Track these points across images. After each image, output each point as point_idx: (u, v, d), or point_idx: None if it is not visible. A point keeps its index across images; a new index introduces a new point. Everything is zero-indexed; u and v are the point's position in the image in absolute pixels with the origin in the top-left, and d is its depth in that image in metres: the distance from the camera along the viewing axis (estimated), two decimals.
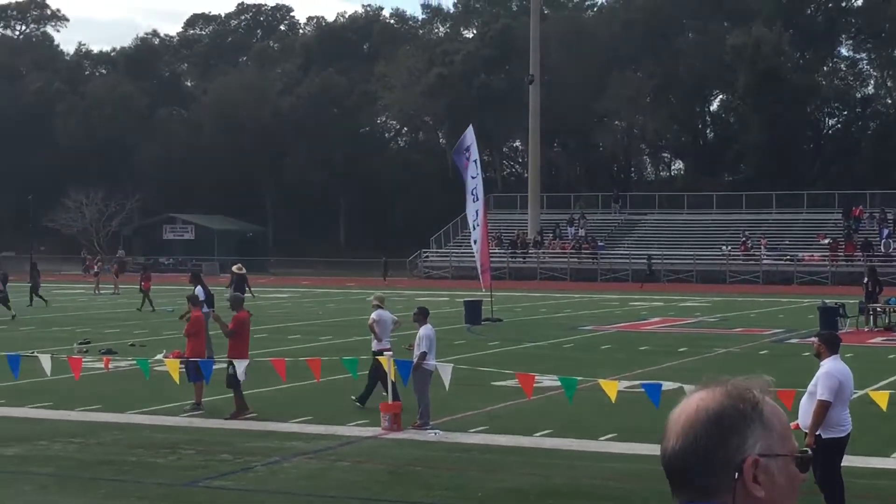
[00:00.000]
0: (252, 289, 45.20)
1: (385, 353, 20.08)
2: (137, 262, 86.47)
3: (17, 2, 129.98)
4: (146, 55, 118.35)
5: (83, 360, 22.05)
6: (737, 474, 2.36)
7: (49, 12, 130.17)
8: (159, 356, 24.80)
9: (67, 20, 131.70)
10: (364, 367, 20.35)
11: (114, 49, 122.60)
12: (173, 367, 19.60)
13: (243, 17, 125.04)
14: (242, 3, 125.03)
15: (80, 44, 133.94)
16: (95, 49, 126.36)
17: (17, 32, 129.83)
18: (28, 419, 19.71)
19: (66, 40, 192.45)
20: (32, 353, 23.56)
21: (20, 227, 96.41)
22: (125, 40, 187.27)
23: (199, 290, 27.42)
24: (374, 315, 21.33)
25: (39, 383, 22.50)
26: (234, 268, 43.05)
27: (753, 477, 2.36)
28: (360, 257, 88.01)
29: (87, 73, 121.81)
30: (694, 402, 2.43)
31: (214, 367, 20.36)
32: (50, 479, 15.09)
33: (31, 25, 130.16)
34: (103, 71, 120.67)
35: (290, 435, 18.15)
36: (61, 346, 29.04)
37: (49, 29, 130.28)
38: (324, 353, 25.67)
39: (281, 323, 40.16)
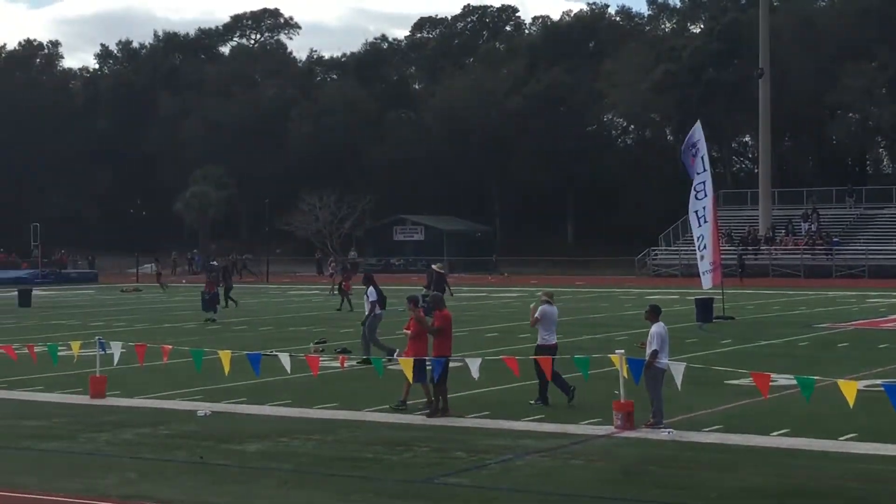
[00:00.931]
0: (451, 287, 44.40)
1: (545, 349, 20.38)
2: (369, 262, 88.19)
3: (252, 12, 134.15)
4: (375, 59, 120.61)
5: (320, 358, 22.55)
6: None
7: (282, 20, 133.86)
8: (394, 355, 25.22)
9: (299, 27, 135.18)
10: (595, 365, 20.23)
11: (344, 54, 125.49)
12: (407, 366, 19.89)
13: (469, 19, 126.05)
14: (468, 5, 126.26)
15: (311, 50, 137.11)
16: (326, 55, 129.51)
17: (253, 41, 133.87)
18: (269, 416, 20.29)
19: (298, 47, 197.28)
20: (272, 352, 24.24)
21: (257, 230, 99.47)
22: (355, 45, 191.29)
23: (370, 290, 27.80)
24: (540, 309, 21.04)
25: (279, 382, 23.15)
26: (435, 266, 43.41)
27: None
28: (587, 255, 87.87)
29: (318, 78, 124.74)
30: None
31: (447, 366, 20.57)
32: (291, 474, 15.48)
33: (266, 34, 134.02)
34: (334, 76, 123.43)
35: (523, 433, 18.21)
36: (298, 346, 29.78)
37: (282, 37, 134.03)
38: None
39: (511, 322, 40.34)
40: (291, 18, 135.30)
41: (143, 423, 19.72)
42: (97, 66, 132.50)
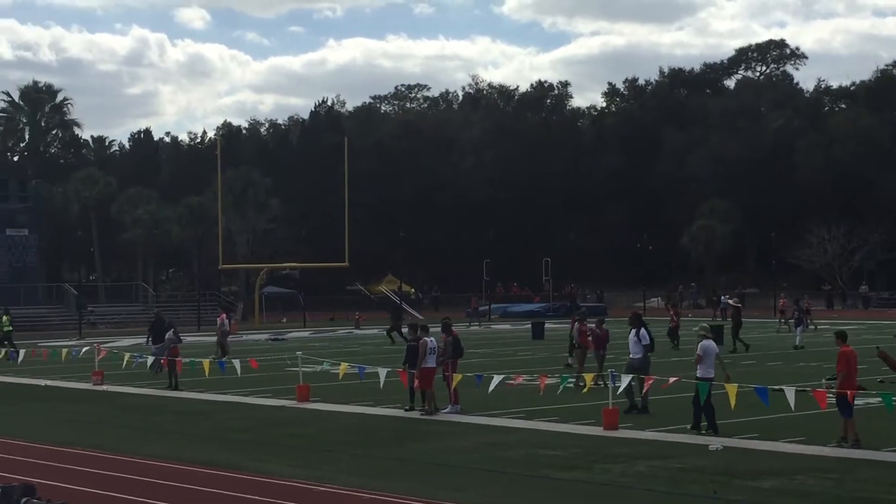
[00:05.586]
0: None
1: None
2: (882, 297, 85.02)
3: (757, 44, 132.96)
4: (887, 87, 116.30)
5: (827, 393, 21.95)
6: None
7: (788, 51, 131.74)
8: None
9: (806, 58, 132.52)
10: None
11: (853, 83, 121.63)
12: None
13: None
14: None
15: (818, 80, 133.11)
16: (835, 84, 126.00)
17: (758, 73, 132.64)
18: (782, 453, 19.99)
19: (805, 77, 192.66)
20: (779, 388, 23.86)
21: (764, 264, 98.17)
22: (865, 73, 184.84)
23: (643, 333, 26.65)
24: (701, 345, 22.67)
25: (788, 418, 22.76)
26: (731, 300, 42.31)
27: None
28: None
29: (826, 108, 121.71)
30: None
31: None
32: None
33: (772, 65, 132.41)
34: (843, 105, 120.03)
35: None
36: (806, 382, 29.12)
37: (789, 67, 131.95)
38: None
39: None
40: (798, 49, 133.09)
41: (655, 455, 19.94)
42: (604, 104, 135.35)
